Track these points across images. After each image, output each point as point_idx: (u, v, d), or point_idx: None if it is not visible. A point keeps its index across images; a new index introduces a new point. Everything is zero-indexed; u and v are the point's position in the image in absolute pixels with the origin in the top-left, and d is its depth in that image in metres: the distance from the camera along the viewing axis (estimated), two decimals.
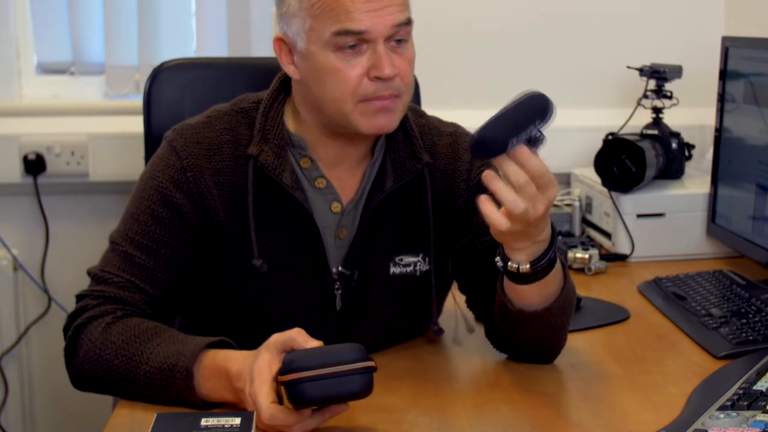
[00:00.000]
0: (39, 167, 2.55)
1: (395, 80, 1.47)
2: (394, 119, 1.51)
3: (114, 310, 1.48)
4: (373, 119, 1.49)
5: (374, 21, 1.44)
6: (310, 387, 1.26)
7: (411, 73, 1.51)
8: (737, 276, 1.98)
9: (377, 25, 1.44)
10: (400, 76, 1.48)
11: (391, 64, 1.46)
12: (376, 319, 1.61)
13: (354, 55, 1.46)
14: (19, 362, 2.66)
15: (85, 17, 2.65)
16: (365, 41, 1.46)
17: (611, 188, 2.28)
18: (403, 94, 1.50)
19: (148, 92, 2.04)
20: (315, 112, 1.54)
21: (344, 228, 1.58)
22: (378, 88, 1.47)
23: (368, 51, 1.46)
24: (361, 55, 1.46)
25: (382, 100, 1.48)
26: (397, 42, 1.48)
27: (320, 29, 1.46)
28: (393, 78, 1.46)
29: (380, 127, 1.50)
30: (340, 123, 1.51)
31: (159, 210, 1.52)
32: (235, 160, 1.55)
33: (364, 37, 1.45)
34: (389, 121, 1.50)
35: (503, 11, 2.63)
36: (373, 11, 1.44)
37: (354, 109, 1.48)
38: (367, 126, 1.49)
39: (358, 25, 1.44)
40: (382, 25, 1.45)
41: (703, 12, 2.66)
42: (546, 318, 1.49)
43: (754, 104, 2.05)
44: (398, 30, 1.47)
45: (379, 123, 1.49)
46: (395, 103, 1.49)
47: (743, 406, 1.28)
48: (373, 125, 1.49)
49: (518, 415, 1.41)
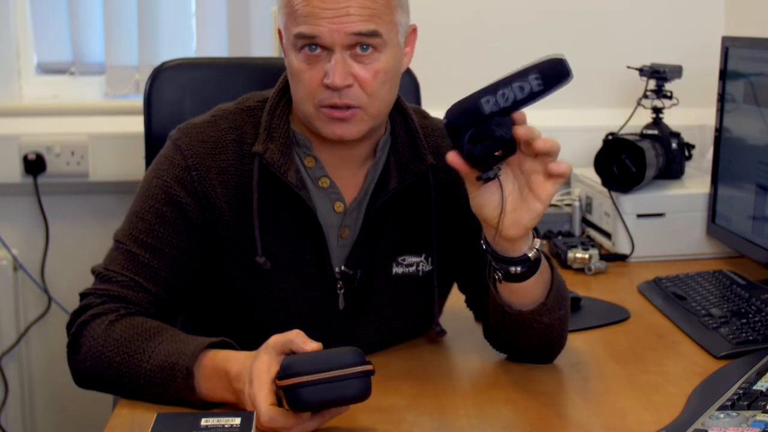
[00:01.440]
0: (39, 167, 2.55)
1: (352, 90, 1.46)
2: (354, 129, 1.49)
3: (117, 309, 1.48)
4: (331, 126, 1.48)
5: (329, 28, 1.43)
6: (308, 392, 1.26)
7: (375, 84, 1.47)
8: (737, 276, 1.98)
9: (332, 32, 1.43)
10: (360, 86, 1.46)
11: (343, 73, 1.44)
12: (378, 319, 1.61)
13: (315, 59, 1.46)
14: (19, 362, 2.66)
15: (85, 17, 2.65)
16: (324, 47, 1.45)
17: (611, 188, 2.28)
18: (365, 106, 1.47)
19: (148, 92, 2.04)
20: (298, 112, 1.54)
21: (347, 228, 1.58)
22: (331, 96, 1.46)
23: (327, 57, 1.45)
24: (320, 61, 1.46)
25: (333, 110, 1.47)
26: (362, 49, 1.46)
27: (288, 29, 1.47)
28: (345, 87, 1.45)
29: (339, 135, 1.49)
30: (308, 124, 1.52)
31: (163, 209, 1.52)
32: (239, 159, 1.55)
33: (318, 42, 1.44)
34: (348, 131, 1.49)
35: (503, 11, 2.63)
36: (328, 18, 1.43)
37: (314, 113, 1.49)
38: (327, 132, 1.49)
39: (312, 30, 1.43)
40: (337, 33, 1.43)
41: (703, 12, 2.67)
42: (545, 313, 1.49)
43: (754, 104, 2.05)
44: (359, 39, 1.44)
45: (338, 131, 1.49)
46: (352, 114, 1.47)
47: (743, 406, 1.28)
48: (332, 132, 1.49)
49: (518, 415, 1.41)
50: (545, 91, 1.32)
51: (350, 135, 1.49)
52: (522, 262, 1.43)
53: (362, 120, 1.49)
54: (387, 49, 1.47)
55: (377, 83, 1.47)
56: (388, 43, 1.47)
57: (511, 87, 1.32)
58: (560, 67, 1.32)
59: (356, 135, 1.50)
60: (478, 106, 1.33)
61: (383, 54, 1.47)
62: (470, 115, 1.33)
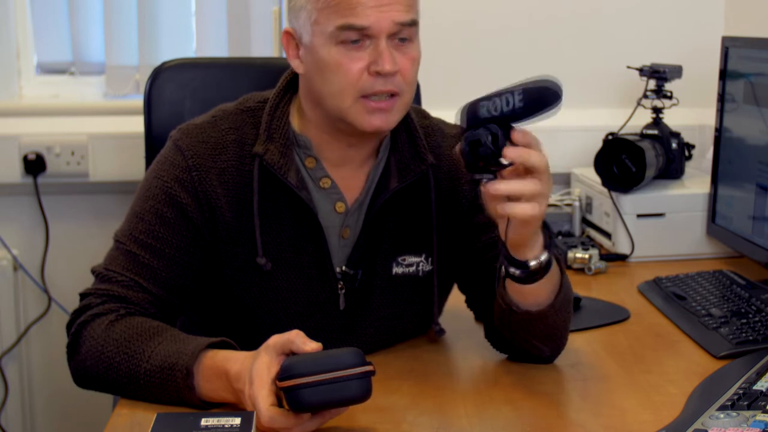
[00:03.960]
0: (39, 167, 2.55)
1: (396, 77, 1.48)
2: (392, 119, 1.51)
3: (117, 309, 1.48)
4: (370, 117, 1.49)
5: (378, 17, 1.45)
6: (308, 393, 1.26)
7: (413, 73, 1.51)
8: (737, 276, 1.98)
9: (380, 21, 1.45)
10: (401, 74, 1.48)
11: (392, 60, 1.46)
12: (379, 319, 1.61)
13: (356, 50, 1.47)
14: (19, 362, 2.66)
15: (85, 17, 2.65)
16: (368, 37, 1.46)
17: (611, 188, 2.28)
18: (403, 93, 1.50)
19: (148, 92, 2.04)
20: (317, 109, 1.54)
21: (348, 228, 1.58)
22: (377, 83, 1.47)
23: (370, 47, 1.47)
24: (362, 50, 1.47)
25: (379, 102, 1.48)
26: (401, 40, 1.48)
27: (324, 23, 1.47)
28: (393, 74, 1.47)
29: (377, 125, 1.50)
30: (338, 119, 1.51)
31: (164, 209, 1.52)
32: (240, 160, 1.55)
33: (366, 32, 1.46)
34: (386, 121, 1.50)
35: (504, 11, 2.63)
36: (377, 7, 1.45)
37: (352, 105, 1.48)
38: (364, 123, 1.49)
39: (362, 20, 1.45)
40: (385, 21, 1.45)
41: (703, 12, 2.67)
42: (551, 314, 1.49)
43: (754, 104, 2.05)
44: (401, 28, 1.47)
45: (376, 122, 1.49)
46: (393, 103, 1.49)
47: (743, 406, 1.28)
48: (370, 123, 1.49)
49: (518, 415, 1.41)
50: (529, 113, 1.31)
51: (388, 125, 1.51)
52: (522, 267, 1.44)
53: (399, 110, 1.51)
54: (417, 39, 1.52)
55: (414, 71, 1.51)
56: (418, 33, 1.52)
57: (502, 97, 1.33)
58: (544, 93, 1.31)
59: (392, 125, 1.52)
60: (476, 109, 1.35)
61: (415, 43, 1.51)
62: (470, 116, 1.36)
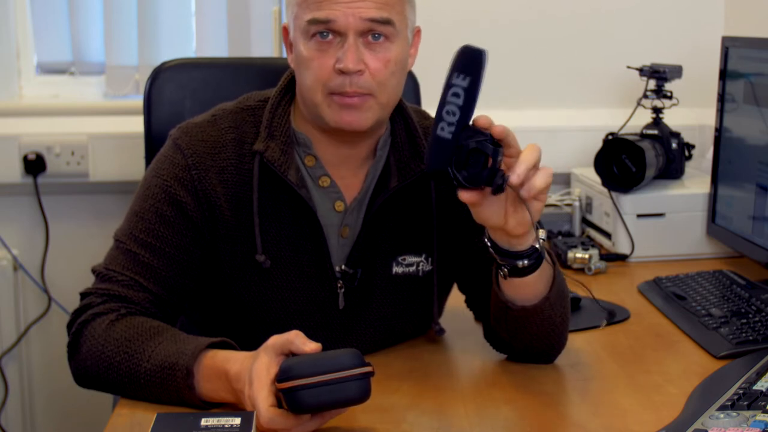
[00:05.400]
0: (39, 167, 2.55)
1: (363, 77, 1.46)
2: (363, 118, 1.49)
3: (118, 308, 1.48)
4: (339, 114, 1.48)
5: (344, 12, 1.44)
6: (307, 394, 1.26)
7: (386, 73, 1.48)
8: (737, 276, 1.98)
9: (347, 16, 1.44)
10: (370, 74, 1.47)
11: (356, 58, 1.45)
12: (378, 319, 1.61)
13: (327, 46, 1.46)
14: (19, 362, 2.66)
15: (85, 17, 2.65)
16: (337, 33, 1.46)
17: (611, 188, 2.28)
18: (376, 94, 1.48)
19: (148, 92, 2.04)
20: (304, 105, 1.54)
21: (347, 227, 1.58)
22: (343, 82, 1.46)
23: (340, 43, 1.46)
24: (332, 47, 1.46)
25: (344, 97, 1.47)
26: (374, 38, 1.47)
27: (300, 17, 1.48)
28: (356, 73, 1.45)
29: (347, 123, 1.49)
30: (314, 114, 1.51)
31: (163, 208, 1.52)
32: (239, 158, 1.55)
33: (333, 27, 1.45)
34: (357, 119, 1.49)
35: (504, 11, 2.63)
36: (345, 3, 1.44)
37: (323, 101, 1.48)
38: (335, 120, 1.49)
39: (327, 14, 1.44)
40: (352, 17, 1.44)
41: (703, 12, 2.67)
42: (547, 308, 1.49)
43: (754, 104, 2.05)
44: (373, 26, 1.46)
45: (347, 119, 1.48)
46: (364, 101, 1.48)
47: (743, 406, 1.28)
48: (340, 120, 1.48)
49: (518, 415, 1.41)
50: (475, 82, 1.31)
51: (359, 123, 1.49)
52: (529, 255, 1.43)
53: (371, 108, 1.49)
54: (397, 41, 1.49)
55: (387, 72, 1.48)
56: (399, 34, 1.49)
57: (447, 101, 1.31)
58: (469, 53, 1.32)
59: (364, 124, 1.49)
60: (440, 139, 1.32)
61: (394, 44, 1.48)
62: (440, 152, 1.32)
